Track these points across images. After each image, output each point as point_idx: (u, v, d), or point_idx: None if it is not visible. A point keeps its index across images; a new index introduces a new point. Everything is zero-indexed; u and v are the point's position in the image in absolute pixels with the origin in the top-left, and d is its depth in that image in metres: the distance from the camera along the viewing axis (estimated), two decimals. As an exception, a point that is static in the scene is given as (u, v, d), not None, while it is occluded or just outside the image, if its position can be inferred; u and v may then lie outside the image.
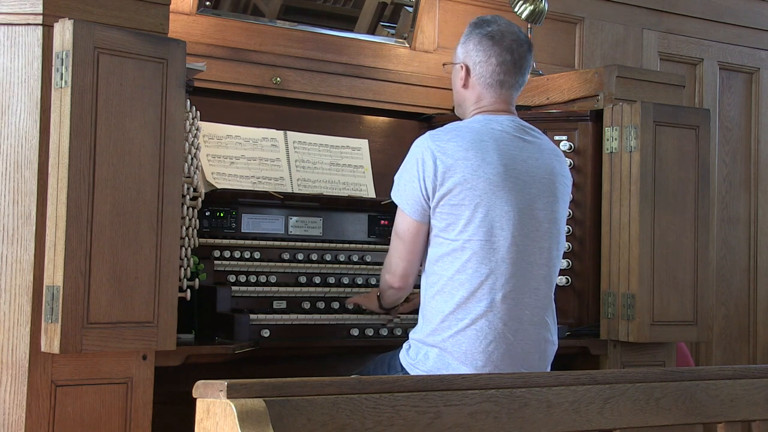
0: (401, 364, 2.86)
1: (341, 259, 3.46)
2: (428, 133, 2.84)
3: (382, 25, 3.97)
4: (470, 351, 2.73)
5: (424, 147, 2.79)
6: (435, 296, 2.79)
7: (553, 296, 2.89)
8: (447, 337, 2.75)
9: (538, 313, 2.81)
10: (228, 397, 1.77)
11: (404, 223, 2.84)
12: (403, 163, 2.87)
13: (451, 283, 2.76)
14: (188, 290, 2.94)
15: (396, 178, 2.88)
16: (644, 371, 2.31)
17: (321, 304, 3.31)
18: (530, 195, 2.80)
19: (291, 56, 3.73)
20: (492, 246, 2.74)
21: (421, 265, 2.90)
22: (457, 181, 2.74)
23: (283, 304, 3.27)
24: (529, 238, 2.78)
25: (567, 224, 3.62)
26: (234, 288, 3.18)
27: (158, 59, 2.69)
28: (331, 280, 3.40)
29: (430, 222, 2.82)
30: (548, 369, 2.89)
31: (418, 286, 2.95)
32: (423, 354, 2.79)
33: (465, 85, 2.93)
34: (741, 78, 5.08)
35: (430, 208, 2.79)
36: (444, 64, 3.11)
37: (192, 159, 3.01)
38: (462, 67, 2.93)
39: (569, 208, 3.64)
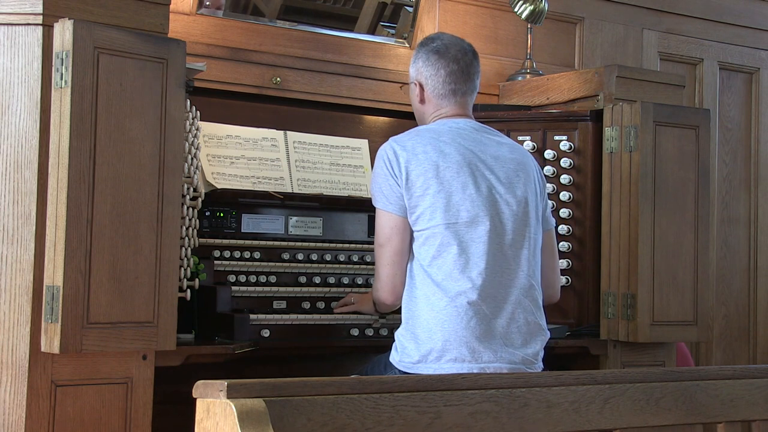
0: (393, 363, 2.88)
1: (341, 259, 3.46)
2: (390, 138, 3.00)
3: (382, 25, 3.97)
4: (453, 328, 2.78)
5: (386, 147, 2.96)
6: (418, 286, 2.85)
7: (535, 279, 2.91)
8: (430, 318, 2.80)
9: (515, 293, 2.86)
10: (228, 397, 1.77)
11: (386, 221, 2.91)
12: (372, 172, 2.99)
13: (429, 269, 2.83)
14: (188, 290, 2.94)
15: (371, 188, 2.99)
16: (644, 371, 2.31)
17: (321, 304, 3.31)
18: (491, 180, 2.90)
19: (291, 56, 3.73)
20: (460, 228, 2.83)
21: None
22: (419, 173, 2.86)
23: (283, 304, 3.27)
24: (496, 219, 2.87)
25: (567, 224, 3.64)
26: (234, 288, 3.18)
27: (158, 59, 2.69)
28: (331, 280, 3.40)
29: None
30: (540, 353, 2.90)
31: None
32: (407, 344, 2.83)
33: (422, 101, 3.09)
34: (741, 78, 5.07)
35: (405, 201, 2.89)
36: (401, 87, 3.36)
37: (192, 159, 3.01)
38: (416, 84, 3.09)
39: (569, 208, 3.65)
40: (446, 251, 2.81)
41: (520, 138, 3.69)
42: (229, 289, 3.16)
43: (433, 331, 2.79)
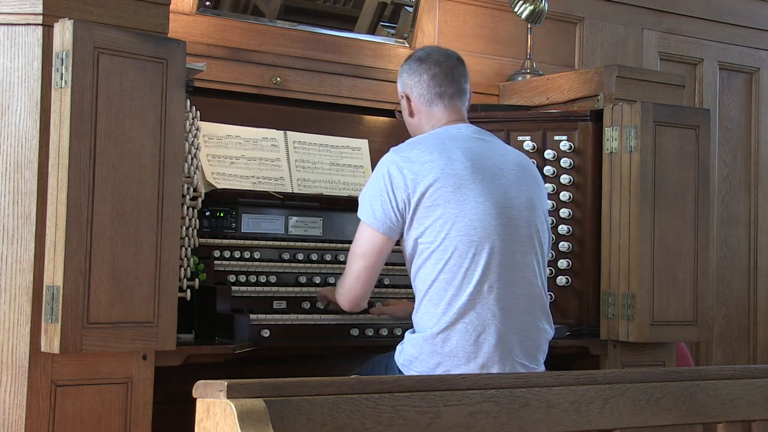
0: (396, 365, 2.87)
1: (341, 259, 3.45)
2: (391, 149, 2.89)
3: (382, 25, 3.97)
4: (461, 344, 2.75)
5: (388, 161, 2.84)
6: (424, 300, 2.81)
7: (542, 285, 2.89)
8: (437, 332, 2.76)
9: (526, 301, 2.82)
10: (228, 397, 1.77)
11: (369, 237, 2.85)
12: (367, 182, 2.90)
13: (438, 284, 2.77)
14: (188, 290, 2.94)
15: (360, 197, 2.89)
16: (644, 371, 2.31)
17: (321, 304, 3.31)
18: (503, 185, 2.83)
19: (291, 56, 3.73)
20: (471, 239, 2.76)
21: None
22: (428, 183, 2.77)
23: (283, 304, 3.27)
24: (509, 227, 2.80)
25: (567, 224, 3.64)
26: (234, 288, 3.18)
27: (158, 59, 2.69)
28: (331, 280, 3.40)
29: (399, 237, 2.84)
30: (543, 357, 2.90)
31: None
32: (415, 354, 2.81)
33: (411, 113, 3.01)
34: (741, 78, 5.07)
35: (402, 221, 2.80)
36: (395, 112, 3.21)
37: (192, 159, 3.01)
38: (403, 96, 3.02)
39: (569, 208, 3.65)
40: (455, 264, 2.75)
41: (520, 138, 3.69)
42: (229, 289, 3.16)
43: (439, 346, 2.76)
